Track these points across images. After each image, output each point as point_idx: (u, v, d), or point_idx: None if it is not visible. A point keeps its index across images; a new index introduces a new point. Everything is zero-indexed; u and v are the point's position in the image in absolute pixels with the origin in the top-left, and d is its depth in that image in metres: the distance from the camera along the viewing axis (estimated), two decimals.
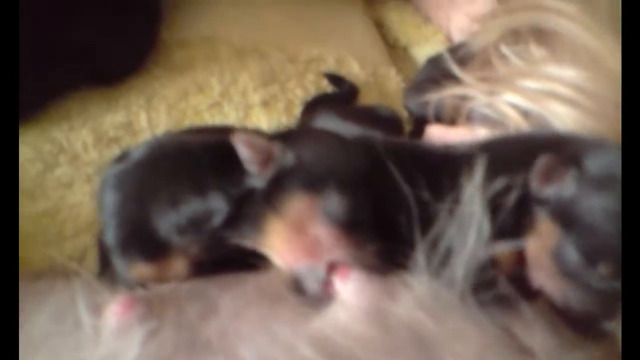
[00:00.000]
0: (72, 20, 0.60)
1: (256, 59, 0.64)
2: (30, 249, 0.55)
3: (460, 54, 0.62)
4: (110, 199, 0.46)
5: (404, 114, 0.65)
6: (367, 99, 0.66)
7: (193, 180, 0.44)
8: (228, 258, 0.45)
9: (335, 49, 0.68)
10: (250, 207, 0.43)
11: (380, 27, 0.77)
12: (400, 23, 0.77)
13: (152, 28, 0.65)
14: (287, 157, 0.43)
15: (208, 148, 0.46)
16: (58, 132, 0.59)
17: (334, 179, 0.43)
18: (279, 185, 0.43)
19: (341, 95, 0.64)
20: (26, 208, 0.56)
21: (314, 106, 0.62)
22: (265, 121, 0.62)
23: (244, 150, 0.43)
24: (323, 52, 0.67)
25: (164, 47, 0.64)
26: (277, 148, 0.43)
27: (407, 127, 0.63)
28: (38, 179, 0.57)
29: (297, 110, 0.63)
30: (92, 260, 0.54)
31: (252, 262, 0.44)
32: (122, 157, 0.49)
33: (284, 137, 0.47)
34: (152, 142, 0.49)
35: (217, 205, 0.43)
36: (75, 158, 0.58)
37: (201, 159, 0.45)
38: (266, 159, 0.43)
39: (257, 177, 0.43)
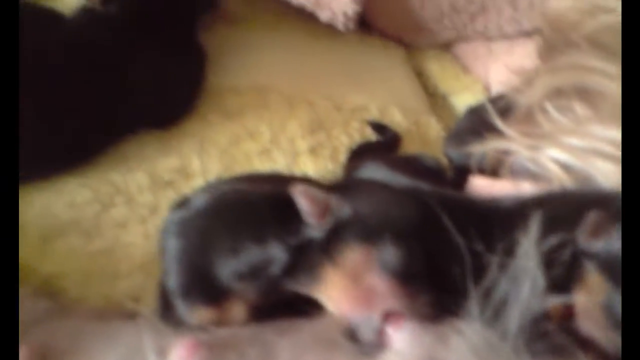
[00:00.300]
0: (131, 67, 0.63)
1: (304, 107, 0.67)
2: (86, 287, 0.58)
3: (501, 105, 0.64)
4: (173, 245, 0.48)
5: (444, 162, 0.67)
6: (409, 147, 0.68)
7: (253, 230, 0.46)
8: (284, 303, 0.47)
9: (378, 97, 0.71)
10: (307, 256, 0.45)
11: (419, 75, 0.79)
12: (440, 72, 0.79)
13: (199, 72, 0.68)
14: (344, 209, 0.45)
15: (267, 198, 0.48)
16: (115, 174, 0.61)
17: (389, 231, 0.45)
18: (336, 236, 0.45)
19: (385, 144, 0.67)
20: (83, 247, 0.59)
21: (359, 154, 0.64)
22: (312, 167, 0.64)
23: (302, 202, 0.45)
24: (367, 100, 0.70)
25: (216, 94, 0.67)
26: (334, 200, 0.45)
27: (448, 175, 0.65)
28: (95, 219, 0.59)
29: (343, 157, 0.65)
30: (148, 300, 0.57)
31: (306, 307, 0.46)
32: (182, 203, 0.51)
33: (340, 188, 0.49)
34: (212, 191, 0.51)
35: (276, 254, 0.45)
36: (130, 200, 0.60)
37: (261, 209, 0.47)
38: (324, 211, 0.45)
39: (315, 228, 0.45)
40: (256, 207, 0.47)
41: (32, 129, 0.58)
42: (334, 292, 0.45)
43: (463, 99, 0.76)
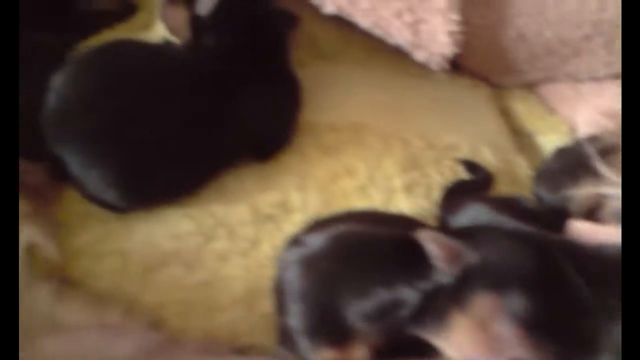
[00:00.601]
0: (230, 99, 0.64)
1: (399, 145, 0.68)
2: (186, 318, 0.59)
3: (598, 148, 0.64)
4: (296, 284, 0.49)
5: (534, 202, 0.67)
6: (499, 186, 0.69)
7: (382, 272, 0.47)
8: (405, 346, 0.48)
9: (469, 136, 0.71)
10: (435, 301, 0.46)
11: (505, 114, 0.80)
12: (525, 112, 0.79)
13: (296, 104, 0.69)
14: (473, 256, 0.46)
15: (391, 241, 0.49)
16: (217, 206, 0.62)
17: (517, 279, 0.45)
18: (464, 283, 0.46)
19: (478, 183, 0.67)
20: (183, 278, 0.60)
21: (453, 193, 0.65)
22: (406, 205, 0.64)
23: (432, 248, 0.46)
24: (458, 139, 0.70)
25: (313, 130, 0.68)
26: (463, 247, 0.46)
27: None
28: (197, 250, 0.61)
29: (436, 195, 0.65)
30: (248, 334, 0.58)
31: (424, 352, 0.47)
32: (296, 243, 0.52)
33: (462, 234, 0.50)
34: (328, 232, 0.52)
35: (407, 297, 0.46)
36: (232, 232, 0.61)
37: (387, 251, 0.48)
38: (454, 257, 0.46)
39: (444, 274, 0.46)
40: (382, 249, 0.49)
41: (140, 159, 0.60)
42: (461, 338, 0.45)
43: (548, 139, 0.77)
